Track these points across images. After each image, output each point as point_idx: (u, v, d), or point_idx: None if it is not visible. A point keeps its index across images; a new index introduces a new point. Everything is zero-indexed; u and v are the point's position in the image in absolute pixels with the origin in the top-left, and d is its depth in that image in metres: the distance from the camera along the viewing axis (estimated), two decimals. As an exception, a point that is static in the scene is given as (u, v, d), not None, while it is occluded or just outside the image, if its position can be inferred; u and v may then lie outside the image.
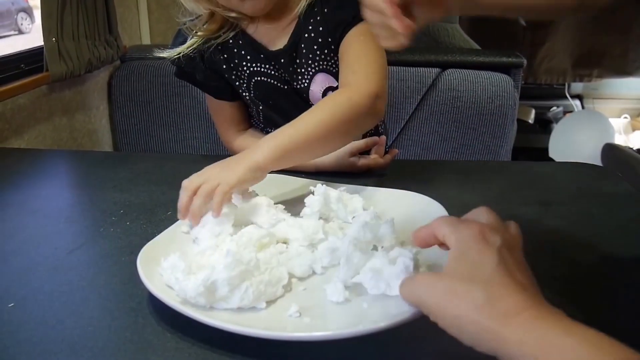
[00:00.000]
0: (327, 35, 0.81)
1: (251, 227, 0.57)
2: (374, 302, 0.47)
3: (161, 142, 1.63)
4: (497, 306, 0.34)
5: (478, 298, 0.35)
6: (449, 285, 0.37)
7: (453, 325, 0.36)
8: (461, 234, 0.39)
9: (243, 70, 0.85)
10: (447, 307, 0.36)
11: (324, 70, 0.83)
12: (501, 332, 0.33)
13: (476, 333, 0.35)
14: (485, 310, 0.34)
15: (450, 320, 0.36)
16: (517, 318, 0.33)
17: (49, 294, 0.52)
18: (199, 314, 0.44)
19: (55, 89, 1.25)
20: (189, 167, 0.90)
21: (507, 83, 1.55)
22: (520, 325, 0.33)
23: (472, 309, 0.35)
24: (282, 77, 0.85)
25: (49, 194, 0.78)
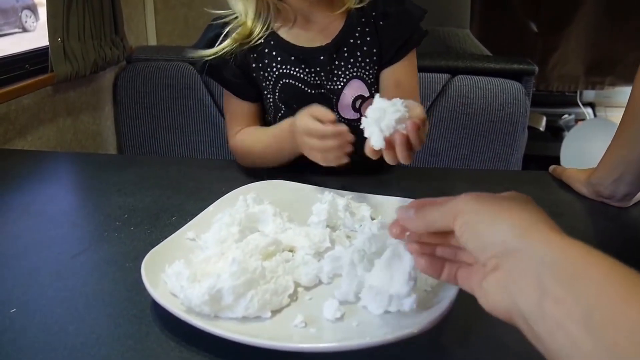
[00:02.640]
0: (375, 46, 0.85)
1: (257, 235, 0.57)
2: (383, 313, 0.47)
3: (166, 145, 1.63)
4: (546, 220, 0.33)
5: (531, 209, 0.34)
6: (497, 194, 0.36)
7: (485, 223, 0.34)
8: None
9: (271, 72, 0.85)
10: (489, 209, 0.34)
11: (360, 78, 0.85)
12: (548, 234, 0.31)
13: (512, 232, 0.32)
14: (537, 219, 0.33)
15: (487, 219, 0.34)
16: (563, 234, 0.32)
17: (52, 299, 0.52)
18: (203, 323, 0.44)
19: (60, 89, 1.26)
20: (195, 171, 0.91)
21: (518, 90, 1.55)
22: (570, 240, 0.31)
23: (521, 211, 0.33)
24: (312, 80, 0.85)
25: (52, 197, 0.79)
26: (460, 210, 0.36)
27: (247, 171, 0.90)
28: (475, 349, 0.46)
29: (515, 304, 0.31)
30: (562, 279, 0.29)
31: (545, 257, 0.30)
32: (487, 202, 0.35)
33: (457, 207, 0.36)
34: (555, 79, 2.85)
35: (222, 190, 0.70)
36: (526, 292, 0.30)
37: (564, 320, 0.28)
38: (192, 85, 1.57)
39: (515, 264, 0.32)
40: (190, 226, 0.60)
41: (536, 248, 0.31)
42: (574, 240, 0.31)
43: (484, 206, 0.35)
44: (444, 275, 0.41)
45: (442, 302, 0.46)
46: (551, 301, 0.29)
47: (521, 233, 0.32)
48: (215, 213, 0.62)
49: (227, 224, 0.57)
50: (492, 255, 0.33)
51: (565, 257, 0.30)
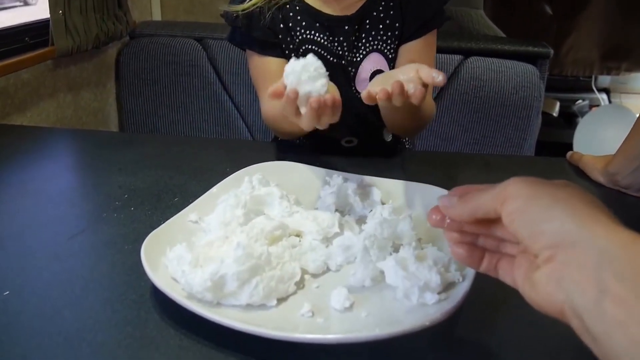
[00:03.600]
0: (398, 21, 0.84)
1: (262, 218, 0.54)
2: (392, 304, 0.45)
3: (169, 124, 1.61)
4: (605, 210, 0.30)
5: (590, 195, 0.31)
6: (552, 181, 0.33)
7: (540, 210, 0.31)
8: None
9: (295, 36, 0.85)
10: (545, 194, 0.31)
11: (380, 52, 0.85)
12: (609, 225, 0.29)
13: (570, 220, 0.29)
14: (596, 206, 0.30)
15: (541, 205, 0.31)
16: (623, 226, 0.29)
17: (47, 282, 0.50)
18: (205, 310, 0.42)
19: (60, 64, 1.23)
20: (198, 151, 0.89)
21: (532, 74, 1.51)
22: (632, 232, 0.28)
23: (581, 198, 0.30)
24: (334, 48, 0.85)
25: (50, 174, 0.77)
26: (510, 195, 0.33)
27: (253, 151, 0.88)
28: (488, 342, 0.44)
29: (569, 300, 0.29)
30: (624, 277, 0.27)
31: (606, 252, 0.28)
32: (541, 187, 0.32)
33: (507, 191, 0.33)
34: (569, 63, 2.79)
35: (227, 170, 0.68)
36: (584, 288, 0.28)
37: (626, 321, 0.26)
38: (197, 62, 1.53)
39: (573, 256, 0.29)
40: (193, 208, 0.58)
41: (597, 241, 0.28)
42: (637, 235, 0.28)
43: (538, 191, 0.32)
44: (483, 266, 0.38)
45: (455, 294, 0.44)
46: (611, 300, 0.27)
47: (581, 222, 0.29)
48: (219, 194, 0.59)
49: (232, 206, 0.55)
50: (547, 246, 0.30)
51: (628, 253, 0.27)
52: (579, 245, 0.29)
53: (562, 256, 0.29)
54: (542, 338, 0.45)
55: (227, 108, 1.57)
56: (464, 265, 0.47)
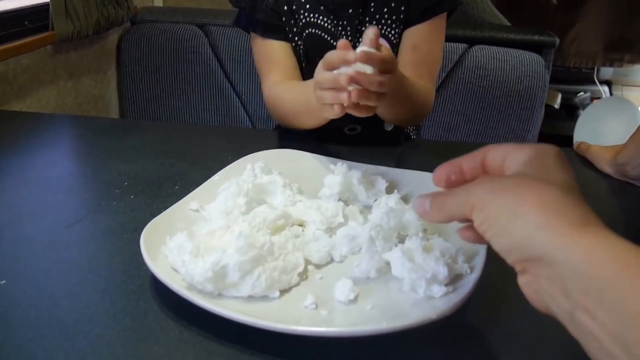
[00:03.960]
0: (403, 4, 0.81)
1: (265, 207, 0.53)
2: (398, 296, 0.43)
3: (170, 112, 1.58)
4: (573, 211, 0.28)
5: (552, 198, 0.29)
6: (517, 182, 0.31)
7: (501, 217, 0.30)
8: (537, 150, 0.33)
9: (299, 19, 0.82)
10: (508, 201, 0.30)
11: (383, 36, 0.82)
12: (571, 235, 0.27)
13: (533, 235, 0.28)
14: (556, 213, 0.28)
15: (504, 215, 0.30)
16: (594, 229, 0.27)
17: (44, 271, 0.48)
18: (206, 301, 0.41)
19: (60, 49, 1.21)
20: (200, 139, 0.87)
21: (538, 63, 1.48)
22: (596, 236, 0.27)
23: (538, 204, 0.29)
24: (338, 33, 0.83)
25: (49, 161, 0.75)
26: (476, 204, 0.32)
27: (255, 139, 0.86)
28: (496, 336, 0.43)
29: (549, 309, 0.29)
30: (590, 291, 0.26)
31: (570, 266, 0.27)
32: (504, 191, 0.31)
33: (472, 199, 0.32)
34: (572, 54, 2.75)
35: (229, 158, 0.66)
36: (557, 301, 0.28)
37: (598, 334, 0.26)
38: (199, 49, 1.51)
39: (541, 271, 0.29)
40: (193, 196, 0.56)
41: (560, 254, 0.27)
42: (599, 236, 0.27)
43: (500, 197, 0.31)
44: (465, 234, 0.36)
45: (462, 286, 0.42)
46: (582, 313, 0.26)
47: (544, 235, 0.28)
48: (220, 182, 0.58)
49: (233, 194, 0.53)
50: (517, 260, 0.30)
51: (591, 265, 0.26)
52: (544, 260, 0.28)
53: (533, 269, 0.29)
54: (551, 332, 0.43)
55: (229, 96, 1.54)
56: (472, 256, 0.45)
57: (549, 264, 0.28)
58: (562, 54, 2.69)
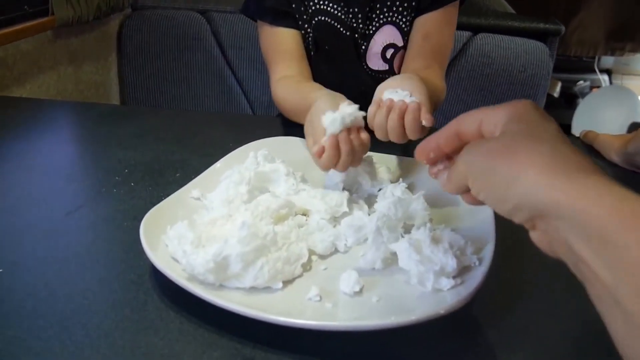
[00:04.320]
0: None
1: (267, 196, 0.51)
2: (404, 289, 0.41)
3: (171, 99, 1.56)
4: (568, 162, 0.28)
5: (544, 153, 0.29)
6: (506, 143, 0.31)
7: (500, 184, 0.30)
8: (511, 107, 0.32)
9: (308, 6, 0.80)
10: (501, 166, 0.30)
11: (394, 24, 0.80)
12: (565, 190, 0.27)
13: (526, 193, 0.29)
14: (552, 167, 0.28)
15: (500, 182, 0.30)
16: (591, 178, 0.27)
17: (42, 260, 0.46)
18: (207, 292, 0.39)
19: (61, 35, 1.18)
20: (202, 125, 0.85)
21: (542, 52, 1.46)
22: (594, 186, 0.27)
23: (531, 165, 0.28)
24: (349, 20, 0.80)
25: (49, 148, 0.73)
26: (470, 174, 0.32)
27: (258, 126, 0.84)
28: (506, 329, 0.41)
29: (560, 257, 0.30)
30: (589, 243, 0.26)
31: (572, 220, 0.27)
32: (494, 156, 0.31)
33: (466, 170, 0.33)
34: (574, 43, 2.72)
35: (230, 145, 0.64)
36: (564, 254, 0.29)
37: (594, 282, 0.26)
38: (200, 35, 1.48)
39: (547, 227, 0.29)
40: (195, 184, 0.54)
41: (562, 211, 0.27)
42: (596, 185, 0.27)
43: (492, 164, 0.31)
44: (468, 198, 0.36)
45: (471, 279, 0.40)
46: (583, 263, 0.27)
47: (543, 191, 0.28)
48: (222, 170, 0.56)
49: (235, 182, 0.51)
50: (524, 220, 0.30)
51: (591, 219, 0.26)
52: (547, 216, 0.28)
53: (541, 225, 0.29)
54: (562, 325, 0.42)
55: (230, 84, 1.52)
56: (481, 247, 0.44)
57: (553, 218, 0.28)
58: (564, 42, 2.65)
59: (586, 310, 0.29)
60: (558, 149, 0.29)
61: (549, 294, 0.45)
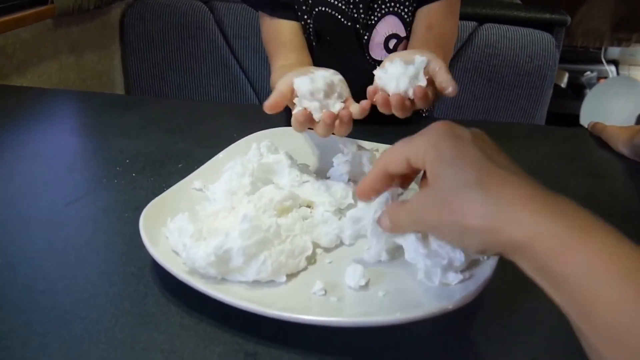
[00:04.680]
0: None
1: (271, 187, 0.49)
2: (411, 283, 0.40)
3: (176, 88, 1.54)
4: (499, 202, 0.29)
5: (473, 200, 0.30)
6: (436, 195, 0.32)
7: (453, 235, 0.32)
8: (429, 137, 0.34)
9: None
10: (444, 221, 0.31)
11: (396, 14, 0.78)
12: (507, 231, 0.29)
13: (480, 240, 0.30)
14: (485, 213, 0.29)
15: (452, 235, 0.32)
16: (523, 213, 0.28)
17: (41, 252, 0.45)
18: (208, 287, 0.38)
19: (61, 24, 1.16)
20: (205, 116, 0.83)
21: (548, 42, 1.43)
22: (527, 222, 0.28)
23: (470, 216, 0.30)
24: (350, 10, 0.78)
25: (49, 137, 0.71)
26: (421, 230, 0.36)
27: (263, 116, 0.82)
28: (516, 325, 0.40)
29: None
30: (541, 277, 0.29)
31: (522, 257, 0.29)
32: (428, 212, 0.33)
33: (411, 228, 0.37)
34: (580, 34, 2.68)
35: (234, 136, 0.62)
36: None
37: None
38: (203, 24, 1.46)
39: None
40: (197, 174, 0.53)
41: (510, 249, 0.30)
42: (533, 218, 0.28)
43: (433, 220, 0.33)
44: None
45: (480, 273, 0.39)
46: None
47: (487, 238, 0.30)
48: (225, 161, 0.54)
49: (238, 174, 0.50)
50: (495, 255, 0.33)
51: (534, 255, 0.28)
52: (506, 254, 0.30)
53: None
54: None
55: (235, 73, 1.50)
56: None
57: (509, 255, 0.30)
58: (570, 33, 2.62)
59: None
60: (484, 173, 0.30)
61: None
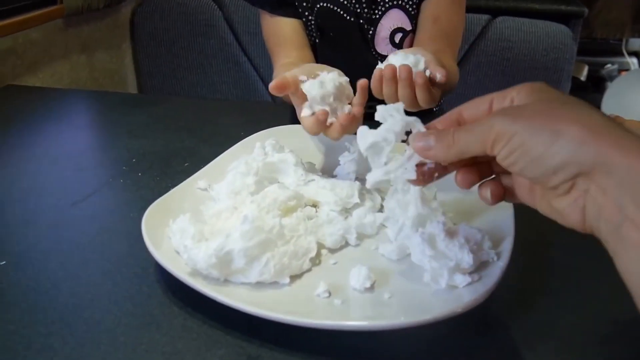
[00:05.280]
0: None
1: (275, 187, 0.49)
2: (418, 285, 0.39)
3: (188, 86, 1.54)
4: (610, 123, 0.27)
5: (586, 112, 0.27)
6: (538, 105, 0.29)
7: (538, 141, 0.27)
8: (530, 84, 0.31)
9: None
10: (544, 123, 0.28)
11: (400, 7, 0.78)
12: (620, 146, 0.26)
13: (569, 149, 0.27)
14: (597, 125, 0.27)
15: (543, 139, 0.27)
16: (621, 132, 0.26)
17: (46, 252, 0.46)
18: (209, 289, 0.38)
19: (71, 23, 1.17)
20: (213, 113, 0.83)
21: (565, 35, 1.40)
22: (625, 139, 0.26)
23: (569, 121, 0.27)
24: (352, 5, 0.78)
25: (58, 137, 0.72)
26: (500, 133, 0.29)
27: (271, 114, 0.82)
28: (525, 328, 0.39)
29: (594, 224, 0.28)
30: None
31: (626, 178, 0.26)
32: (530, 116, 0.28)
33: (494, 131, 0.29)
34: (599, 25, 2.62)
35: (241, 134, 0.62)
36: (606, 213, 0.27)
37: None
38: (213, 21, 1.46)
39: (593, 184, 0.27)
40: (201, 174, 0.53)
41: (615, 166, 0.26)
42: None
43: (530, 122, 0.28)
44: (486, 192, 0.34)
45: (489, 275, 0.38)
46: (629, 225, 0.26)
47: (594, 147, 0.26)
48: (230, 161, 0.54)
49: (243, 173, 0.50)
50: (564, 180, 0.28)
51: None
52: (597, 172, 0.26)
53: (582, 184, 0.27)
54: (587, 323, 0.39)
55: (246, 69, 1.50)
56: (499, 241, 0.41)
57: (603, 176, 0.26)
58: (589, 24, 2.56)
59: (614, 309, 0.26)
60: (600, 113, 0.28)
61: (573, 290, 0.43)
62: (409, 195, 0.45)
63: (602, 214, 0.27)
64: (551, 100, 0.29)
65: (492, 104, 0.32)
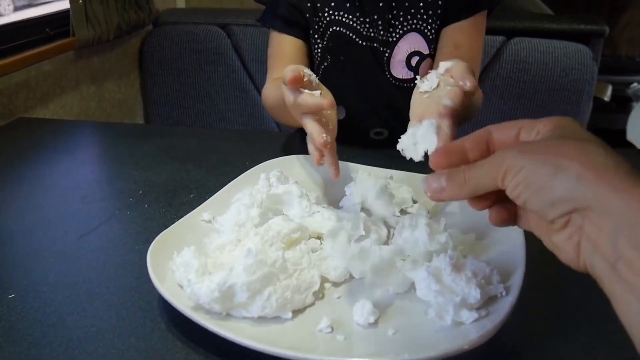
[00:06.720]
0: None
1: (279, 219, 0.51)
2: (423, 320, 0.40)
3: (195, 115, 1.59)
4: (618, 164, 0.28)
5: (594, 152, 0.29)
6: (549, 142, 0.31)
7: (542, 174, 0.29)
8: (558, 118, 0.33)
9: (323, 17, 0.82)
10: (550, 158, 0.29)
11: (418, 31, 0.81)
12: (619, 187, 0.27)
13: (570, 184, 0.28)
14: (602, 165, 0.28)
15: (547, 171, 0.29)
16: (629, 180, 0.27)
17: (53, 285, 0.48)
18: (212, 323, 0.39)
19: (82, 55, 1.23)
20: (219, 143, 0.86)
21: (584, 55, 1.41)
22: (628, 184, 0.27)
23: (584, 159, 0.29)
24: (365, 30, 0.81)
25: (66, 169, 0.76)
26: (510, 167, 0.31)
27: (276, 143, 0.85)
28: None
29: (589, 262, 0.29)
30: (638, 242, 0.26)
31: (622, 217, 0.27)
32: (538, 151, 0.30)
33: (504, 165, 0.31)
34: (624, 42, 2.63)
35: (247, 164, 0.65)
36: (600, 251, 0.28)
37: (637, 285, 0.26)
38: (221, 49, 1.51)
39: (589, 221, 0.28)
40: (206, 206, 0.55)
41: (611, 205, 0.27)
42: None
43: (536, 157, 0.30)
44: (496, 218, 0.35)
45: (497, 311, 0.39)
46: (625, 264, 0.27)
47: (591, 185, 0.28)
48: (234, 192, 0.57)
49: (247, 205, 0.52)
50: (560, 214, 0.30)
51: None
52: (593, 209, 0.28)
53: (578, 220, 0.29)
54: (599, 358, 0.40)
55: (253, 97, 1.54)
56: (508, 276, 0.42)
57: (600, 214, 0.28)
58: (613, 42, 2.57)
59: (629, 350, 0.27)
60: (609, 152, 0.29)
61: (586, 328, 0.43)
62: (417, 231, 0.47)
63: (597, 251, 0.28)
64: (565, 137, 0.31)
65: (520, 133, 0.34)
